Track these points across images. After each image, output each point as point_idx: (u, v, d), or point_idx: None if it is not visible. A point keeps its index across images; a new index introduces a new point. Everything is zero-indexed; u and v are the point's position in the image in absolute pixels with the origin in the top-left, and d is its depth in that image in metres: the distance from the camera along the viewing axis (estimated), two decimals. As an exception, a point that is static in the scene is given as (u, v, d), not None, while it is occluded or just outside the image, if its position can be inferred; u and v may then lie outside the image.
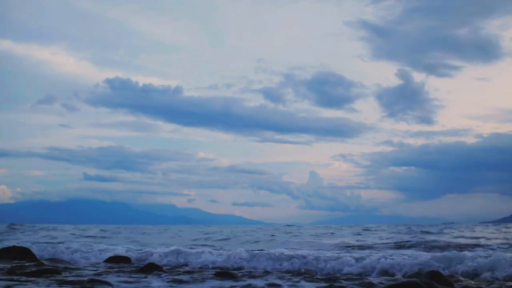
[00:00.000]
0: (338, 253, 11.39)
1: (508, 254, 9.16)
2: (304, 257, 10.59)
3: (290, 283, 7.89)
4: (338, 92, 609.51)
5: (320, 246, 16.52)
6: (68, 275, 8.67)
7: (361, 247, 15.40)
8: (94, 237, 24.35)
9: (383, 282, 7.94)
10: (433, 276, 7.84)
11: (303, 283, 7.97)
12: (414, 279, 7.60)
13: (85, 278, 7.90)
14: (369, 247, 15.48)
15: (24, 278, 7.92)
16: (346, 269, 9.64)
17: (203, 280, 8.18)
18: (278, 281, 8.00)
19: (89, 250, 13.89)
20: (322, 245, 16.72)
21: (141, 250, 13.72)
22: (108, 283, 7.35)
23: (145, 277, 8.42)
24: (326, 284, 7.70)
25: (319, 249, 14.18)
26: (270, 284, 7.67)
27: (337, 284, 7.68)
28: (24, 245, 13.01)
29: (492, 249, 13.26)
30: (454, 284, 7.61)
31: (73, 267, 10.39)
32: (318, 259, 10.39)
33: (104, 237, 24.22)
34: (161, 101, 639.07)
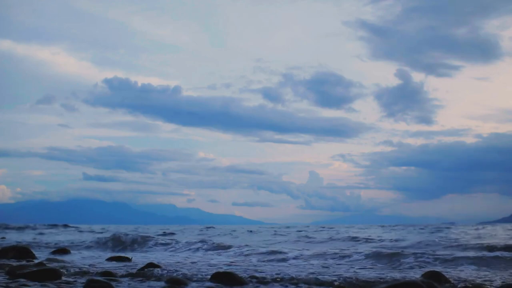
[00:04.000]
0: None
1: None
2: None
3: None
4: (337, 92, 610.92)
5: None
6: (68, 275, 8.67)
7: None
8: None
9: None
10: (433, 276, 7.82)
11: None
12: (414, 279, 7.57)
13: (85, 279, 7.88)
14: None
15: (24, 279, 7.89)
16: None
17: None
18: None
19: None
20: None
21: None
22: (108, 284, 7.32)
23: (145, 278, 8.40)
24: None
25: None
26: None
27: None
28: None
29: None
30: (455, 285, 7.59)
31: (72, 268, 10.35)
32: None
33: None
34: (160, 101, 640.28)
